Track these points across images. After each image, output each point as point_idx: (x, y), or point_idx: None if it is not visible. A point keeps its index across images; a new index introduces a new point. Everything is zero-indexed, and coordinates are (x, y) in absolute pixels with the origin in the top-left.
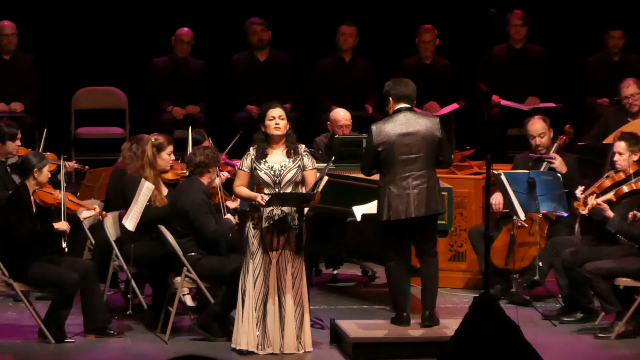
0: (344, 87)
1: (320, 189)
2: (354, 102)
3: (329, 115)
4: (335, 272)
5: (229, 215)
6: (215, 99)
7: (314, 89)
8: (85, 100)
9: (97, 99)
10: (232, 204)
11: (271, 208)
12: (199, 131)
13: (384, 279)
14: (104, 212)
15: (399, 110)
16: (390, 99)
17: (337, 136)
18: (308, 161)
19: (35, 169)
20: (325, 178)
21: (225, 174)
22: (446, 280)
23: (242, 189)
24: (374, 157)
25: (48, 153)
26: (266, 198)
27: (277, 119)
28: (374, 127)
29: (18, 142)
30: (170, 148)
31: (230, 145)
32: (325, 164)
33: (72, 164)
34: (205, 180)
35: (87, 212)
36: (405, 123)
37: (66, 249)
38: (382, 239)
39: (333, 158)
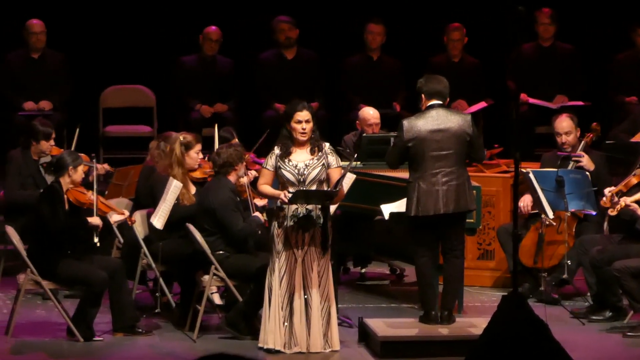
0: (371, 86)
1: (346, 187)
2: (381, 100)
3: (357, 113)
4: (363, 270)
5: (257, 213)
6: (244, 97)
7: (342, 87)
8: (113, 98)
9: (125, 97)
10: (261, 202)
11: (296, 206)
12: (227, 129)
13: (412, 277)
14: (133, 218)
15: (431, 107)
16: (423, 95)
17: (364, 134)
18: (332, 159)
19: (70, 167)
20: (353, 177)
21: (253, 173)
22: (474, 279)
23: (265, 187)
24: (403, 151)
25: (81, 154)
26: (289, 195)
27: (303, 123)
28: (405, 122)
29: (52, 142)
30: (198, 146)
31: (257, 144)
32: (349, 166)
33: (105, 167)
34: (232, 178)
35: (117, 216)
36: (437, 119)
37: (98, 244)
38: (411, 236)
39: (356, 155)
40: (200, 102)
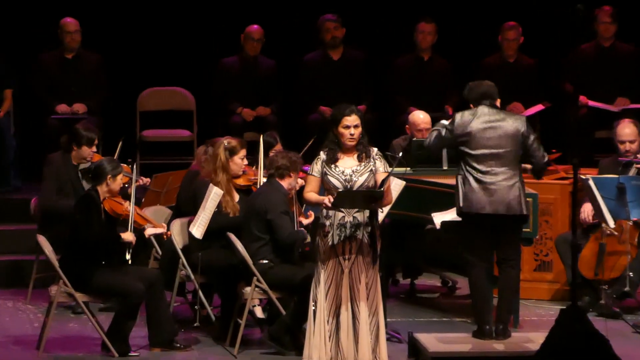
0: (422, 87)
1: (395, 193)
2: (432, 103)
3: (406, 117)
4: (413, 282)
5: (301, 229)
6: (287, 100)
7: (391, 89)
8: (151, 101)
9: (164, 100)
10: (305, 221)
11: (342, 214)
12: (270, 134)
13: (465, 290)
14: (169, 232)
15: (483, 105)
16: (471, 105)
17: (414, 139)
18: (380, 164)
19: (109, 176)
20: (402, 183)
21: (300, 182)
22: (531, 291)
23: (311, 195)
24: (449, 144)
25: (123, 165)
26: (332, 199)
27: (351, 129)
28: (458, 116)
29: (94, 148)
30: (243, 152)
31: (303, 150)
32: (395, 165)
33: (146, 181)
34: (285, 183)
35: (153, 230)
36: (489, 116)
37: (130, 261)
38: (463, 244)
39: (400, 154)
40: (242, 105)
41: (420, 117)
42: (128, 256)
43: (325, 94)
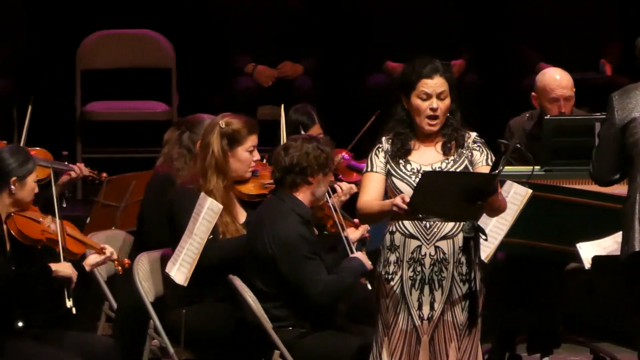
0: (560, 31)
1: (516, 208)
2: (578, 56)
3: (534, 78)
4: (546, 359)
5: (358, 254)
6: (330, 51)
7: (508, 36)
8: (100, 53)
9: (122, 52)
10: (356, 233)
11: (417, 244)
12: (302, 109)
13: None
14: (126, 260)
15: None
16: None
17: (547, 117)
18: (480, 157)
19: (13, 178)
20: (527, 192)
21: (347, 187)
22: None
23: (370, 203)
24: (617, 148)
25: (36, 149)
26: (408, 199)
27: (433, 99)
28: (615, 97)
29: None
30: (252, 139)
31: (359, 135)
32: (507, 157)
33: (81, 169)
34: (304, 196)
35: (96, 258)
36: None
37: (73, 310)
38: (633, 299)
39: (514, 141)
40: (254, 60)
41: (555, 78)
42: (70, 303)
43: (397, 41)
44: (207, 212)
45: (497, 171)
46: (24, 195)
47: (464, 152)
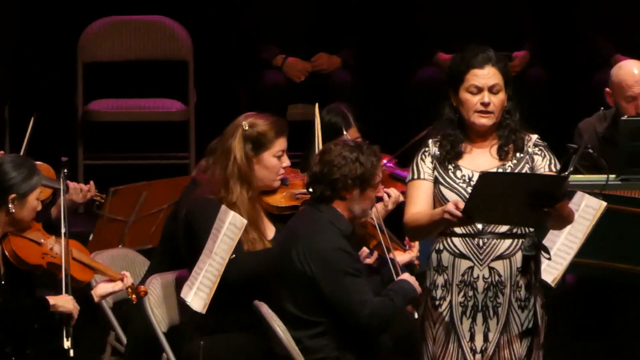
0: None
1: (587, 223)
2: None
3: (608, 73)
4: None
5: (406, 275)
6: (373, 41)
7: (581, 21)
8: (104, 44)
9: (131, 43)
10: (404, 256)
11: (469, 265)
12: (337, 108)
13: None
14: (142, 288)
15: None
16: None
17: (624, 118)
18: (542, 161)
19: (12, 195)
20: (601, 205)
21: (396, 193)
22: None
23: (417, 216)
24: None
25: (38, 163)
26: (462, 205)
27: (484, 93)
28: None
29: None
30: (280, 143)
31: (409, 143)
32: (575, 162)
33: (87, 190)
34: (344, 209)
35: (107, 287)
36: None
37: (71, 352)
38: None
39: (584, 144)
40: (282, 51)
41: (634, 72)
42: (68, 343)
43: (450, 29)
44: (229, 228)
45: (567, 173)
46: (24, 214)
47: (524, 157)
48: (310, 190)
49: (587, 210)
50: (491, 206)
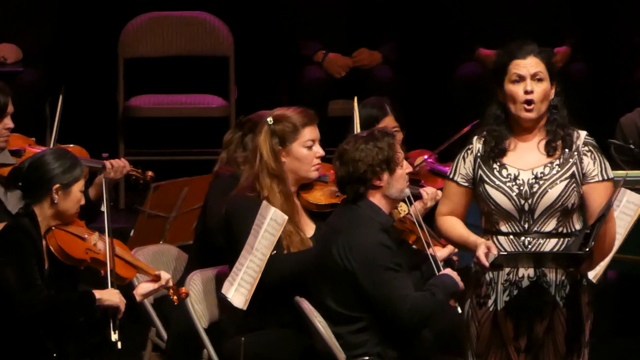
0: None
1: (626, 224)
2: None
3: None
4: None
5: (448, 270)
6: (413, 36)
7: (623, 15)
8: (145, 40)
9: (171, 39)
10: (443, 251)
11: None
12: (377, 102)
13: None
14: (183, 289)
15: None
16: None
17: None
18: (594, 166)
19: (56, 185)
20: None
21: (432, 191)
22: None
23: (450, 223)
24: None
25: (70, 146)
26: (494, 254)
27: (527, 82)
28: None
29: (8, 122)
30: (310, 132)
31: (450, 141)
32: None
33: (121, 165)
34: (379, 201)
35: (148, 286)
36: None
37: (119, 344)
38: None
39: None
40: (324, 46)
41: None
42: (115, 336)
43: (491, 24)
44: (270, 224)
45: (587, 250)
46: (68, 206)
47: (572, 154)
48: (345, 182)
49: (628, 206)
50: (523, 263)
